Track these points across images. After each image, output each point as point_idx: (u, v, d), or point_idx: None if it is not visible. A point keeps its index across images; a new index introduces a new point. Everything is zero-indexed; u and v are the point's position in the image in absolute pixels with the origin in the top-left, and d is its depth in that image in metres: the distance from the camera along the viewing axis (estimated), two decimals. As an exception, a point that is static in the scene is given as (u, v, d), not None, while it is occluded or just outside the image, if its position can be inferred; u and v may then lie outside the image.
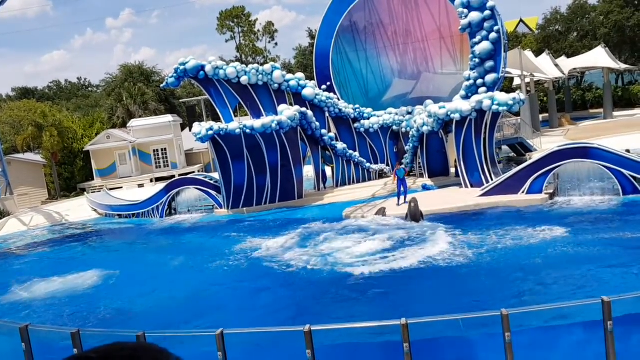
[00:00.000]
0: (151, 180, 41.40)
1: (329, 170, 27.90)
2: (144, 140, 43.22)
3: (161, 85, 31.64)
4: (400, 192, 21.59)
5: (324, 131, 26.68)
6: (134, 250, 21.23)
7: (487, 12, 23.59)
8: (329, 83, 28.71)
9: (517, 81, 43.71)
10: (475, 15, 23.68)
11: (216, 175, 26.34)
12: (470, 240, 15.64)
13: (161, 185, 29.19)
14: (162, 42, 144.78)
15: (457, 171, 23.30)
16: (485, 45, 23.65)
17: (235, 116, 27.14)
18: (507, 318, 7.21)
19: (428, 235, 16.94)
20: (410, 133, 26.16)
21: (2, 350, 9.08)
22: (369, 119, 28.33)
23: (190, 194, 26.68)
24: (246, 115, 29.74)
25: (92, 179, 43.32)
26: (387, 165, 28.32)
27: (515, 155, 31.58)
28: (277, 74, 26.80)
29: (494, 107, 21.38)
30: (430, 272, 13.37)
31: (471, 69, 24.19)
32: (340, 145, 27.19)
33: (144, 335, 7.38)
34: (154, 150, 43.72)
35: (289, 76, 27.68)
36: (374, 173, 28.19)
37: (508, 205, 19.61)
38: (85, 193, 37.46)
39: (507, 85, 45.15)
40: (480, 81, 23.97)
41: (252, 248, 17.82)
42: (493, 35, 23.58)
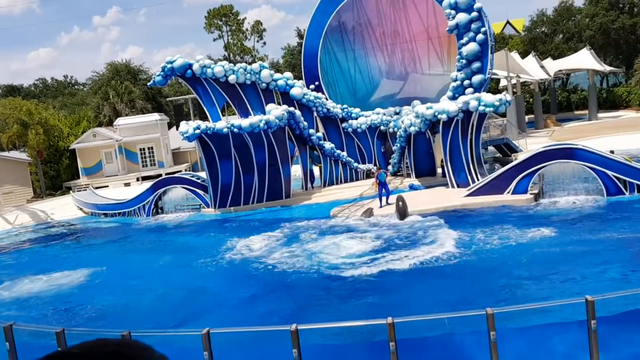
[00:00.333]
0: (137, 179, 41.11)
1: (316, 170, 27.90)
2: (131, 138, 42.90)
3: (148, 84, 31.42)
4: (382, 194, 21.53)
5: (311, 131, 26.68)
6: (120, 249, 21.10)
7: (474, 14, 23.72)
8: (317, 83, 28.72)
9: (503, 82, 44.02)
10: (462, 17, 23.81)
11: (203, 175, 26.24)
12: (458, 240, 15.72)
13: (148, 184, 29.02)
14: (150, 40, 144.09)
15: (444, 171, 23.42)
16: (472, 46, 23.78)
17: (223, 115, 27.04)
18: (492, 317, 7.27)
19: (417, 234, 17.02)
20: (398, 133, 26.25)
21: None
22: (356, 119, 28.37)
23: (177, 193, 26.55)
24: (234, 114, 29.65)
25: (78, 178, 42.91)
26: (375, 165, 28.38)
27: (501, 155, 31.80)
28: (265, 73, 26.75)
29: (481, 108, 21.52)
30: (418, 271, 13.43)
31: (458, 70, 24.32)
32: (328, 145, 27.21)
33: (130, 334, 7.35)
34: (140, 149, 43.41)
35: (277, 75, 27.64)
36: (361, 173, 28.25)
37: (494, 205, 19.75)
38: (71, 192, 37.13)
39: (493, 87, 45.44)
40: (467, 82, 24.11)
41: (238, 247, 17.78)
42: (480, 36, 23.72)
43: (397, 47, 28.64)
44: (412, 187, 24.71)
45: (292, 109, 25.65)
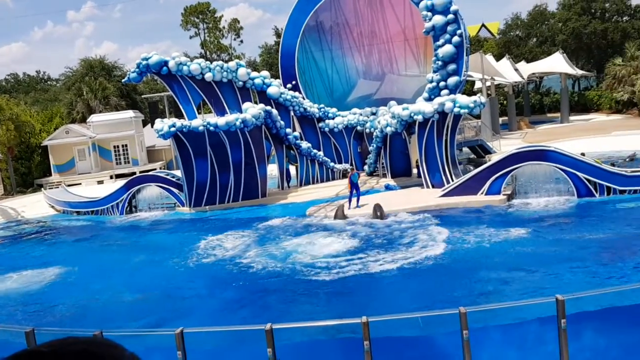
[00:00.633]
0: (111, 177, 40.58)
1: (293, 169, 27.87)
2: (104, 136, 42.32)
3: (123, 80, 31.04)
4: (353, 195, 21.44)
5: (288, 130, 26.64)
6: (93, 248, 20.77)
7: (450, 16, 23.95)
8: (294, 82, 28.69)
9: (478, 84, 44.59)
10: (439, 19, 24.02)
11: (178, 173, 26.01)
12: (433, 240, 15.86)
13: (121, 182, 28.66)
14: (125, 37, 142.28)
15: (419, 172, 23.61)
16: (448, 48, 24.01)
17: (199, 113, 26.84)
18: (465, 316, 7.35)
19: (393, 234, 17.12)
20: (374, 133, 26.38)
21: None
22: (333, 118, 28.43)
23: (152, 191, 26.26)
24: (210, 112, 29.45)
25: (50, 175, 42.18)
26: (351, 165, 28.47)
27: (475, 156, 32.19)
28: (242, 71, 26.63)
29: (456, 110, 21.75)
30: (393, 271, 13.50)
31: (434, 72, 24.54)
32: (305, 144, 27.21)
33: (101, 334, 7.25)
34: (114, 147, 42.85)
35: (254, 74, 27.54)
36: (337, 172, 28.31)
37: (468, 205, 19.99)
38: (42, 189, 36.46)
39: (468, 89, 45.96)
40: (442, 84, 24.33)
41: (212, 247, 17.67)
42: (456, 38, 23.96)
43: (374, 48, 28.79)
44: (388, 188, 24.86)
45: (268, 108, 25.59)
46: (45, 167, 42.77)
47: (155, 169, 36.87)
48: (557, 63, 47.81)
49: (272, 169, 27.77)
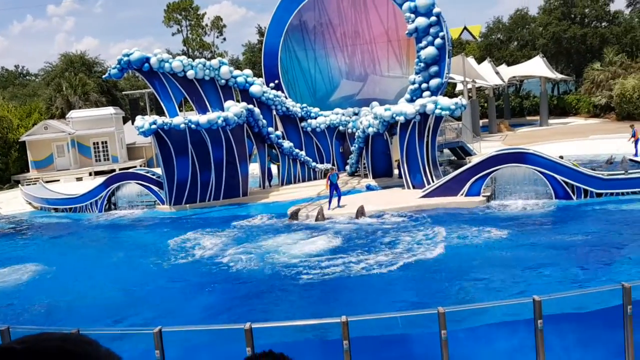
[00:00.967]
0: (90, 174, 40.10)
1: (274, 169, 27.82)
2: (84, 132, 41.79)
3: (103, 77, 30.69)
4: (333, 195, 21.34)
5: (270, 129, 26.58)
6: (70, 245, 20.51)
7: (433, 18, 24.12)
8: (277, 81, 28.63)
9: (459, 87, 44.88)
10: (421, 21, 24.16)
11: (159, 171, 25.79)
12: (414, 240, 15.96)
13: (101, 179, 28.34)
14: (106, 32, 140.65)
15: (400, 172, 23.73)
16: (431, 50, 24.17)
17: (180, 111, 26.65)
18: (444, 316, 7.41)
19: (375, 234, 17.18)
20: (356, 134, 26.45)
21: None
22: (316, 118, 28.43)
23: (131, 188, 26.00)
24: (191, 110, 29.25)
25: (28, 171, 41.53)
26: (333, 165, 28.48)
27: (455, 158, 32.45)
28: (225, 69, 26.49)
29: (437, 111, 21.91)
30: (373, 270, 13.55)
31: (416, 73, 24.68)
32: (287, 143, 27.17)
33: (78, 332, 7.16)
34: (94, 143, 42.34)
35: (237, 72, 27.42)
36: (319, 172, 28.31)
37: (448, 206, 20.14)
38: (19, 185, 35.88)
39: (450, 91, 46.29)
40: (424, 85, 24.49)
41: (192, 245, 17.56)
42: (438, 40, 24.12)
43: (357, 49, 28.85)
44: (369, 188, 24.93)
45: (251, 106, 25.49)
46: (23, 163, 42.10)
47: (135, 167, 36.50)
48: (537, 67, 48.35)
49: (254, 168, 27.69)
